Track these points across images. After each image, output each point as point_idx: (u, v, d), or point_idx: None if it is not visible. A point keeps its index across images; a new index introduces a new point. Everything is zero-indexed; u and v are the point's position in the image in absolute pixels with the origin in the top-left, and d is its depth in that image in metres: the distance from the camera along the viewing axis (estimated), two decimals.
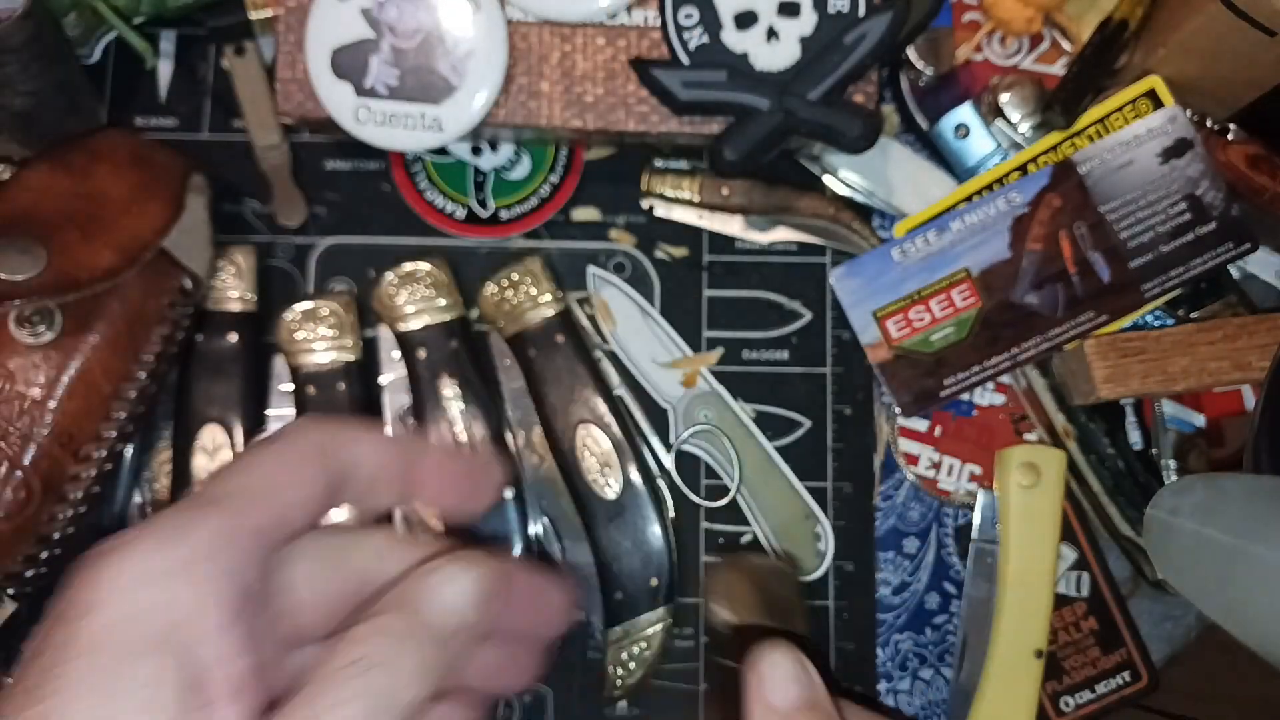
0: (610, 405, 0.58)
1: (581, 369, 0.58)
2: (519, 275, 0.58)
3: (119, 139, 0.56)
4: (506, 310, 0.58)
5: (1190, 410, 0.59)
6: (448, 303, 0.58)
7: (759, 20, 0.54)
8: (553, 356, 0.58)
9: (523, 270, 0.58)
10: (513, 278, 0.58)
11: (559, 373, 0.57)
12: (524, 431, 0.59)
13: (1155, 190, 0.57)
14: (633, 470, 0.57)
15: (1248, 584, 0.40)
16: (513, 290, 0.58)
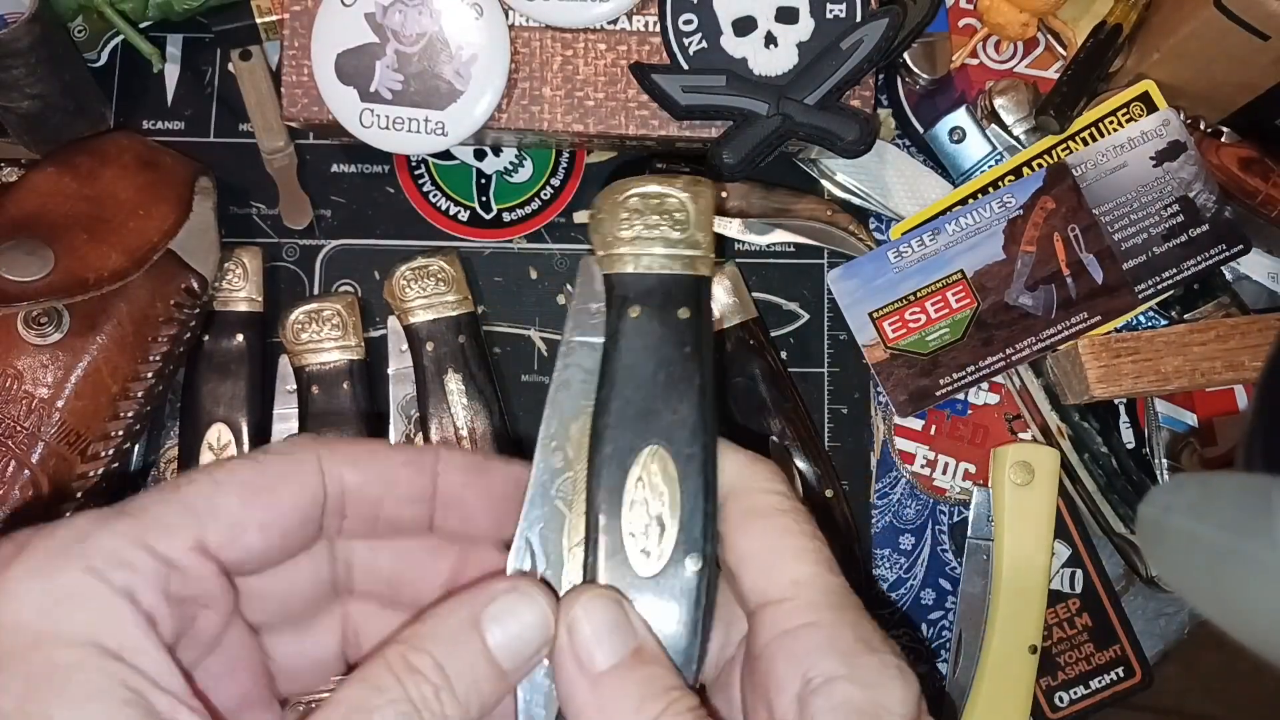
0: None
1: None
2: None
3: (126, 142, 0.57)
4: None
5: (1183, 410, 0.59)
6: (457, 299, 0.58)
7: (757, 26, 0.54)
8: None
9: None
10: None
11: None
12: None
13: (1148, 193, 0.57)
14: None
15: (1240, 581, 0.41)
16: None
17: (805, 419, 0.58)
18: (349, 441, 0.35)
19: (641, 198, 0.37)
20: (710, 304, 0.38)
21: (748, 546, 0.34)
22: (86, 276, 0.52)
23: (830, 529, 0.57)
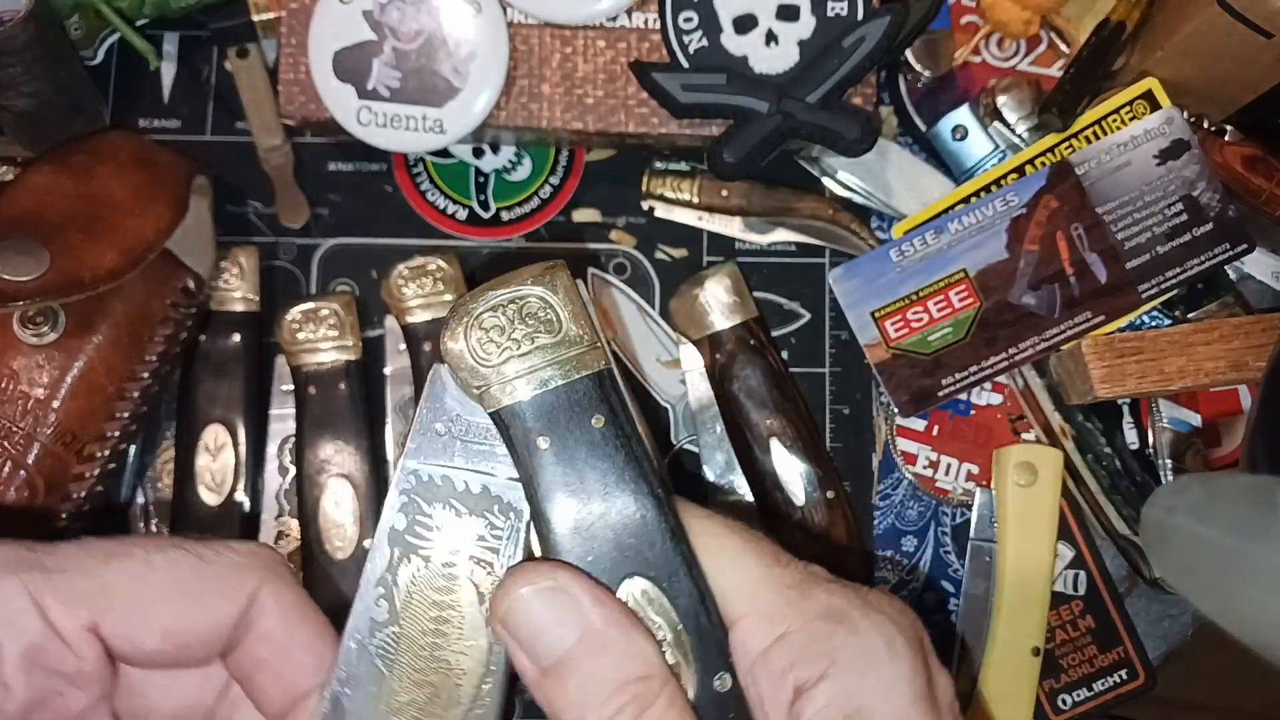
0: None
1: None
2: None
3: (122, 140, 0.57)
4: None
5: (1187, 410, 0.59)
6: (455, 298, 0.58)
7: (758, 24, 0.54)
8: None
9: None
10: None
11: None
12: None
13: (1152, 191, 0.57)
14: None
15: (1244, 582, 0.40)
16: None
17: (806, 419, 0.58)
18: (295, 589, 0.33)
19: (497, 310, 0.33)
20: (621, 391, 0.34)
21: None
22: (82, 276, 0.52)
23: (832, 530, 0.57)
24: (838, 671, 0.29)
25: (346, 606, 0.39)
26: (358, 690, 0.32)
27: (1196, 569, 0.44)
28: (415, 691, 0.33)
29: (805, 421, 0.58)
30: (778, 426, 0.57)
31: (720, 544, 0.32)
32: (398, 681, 0.32)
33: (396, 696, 0.32)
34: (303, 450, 0.57)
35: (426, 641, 0.33)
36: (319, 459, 0.57)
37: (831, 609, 0.30)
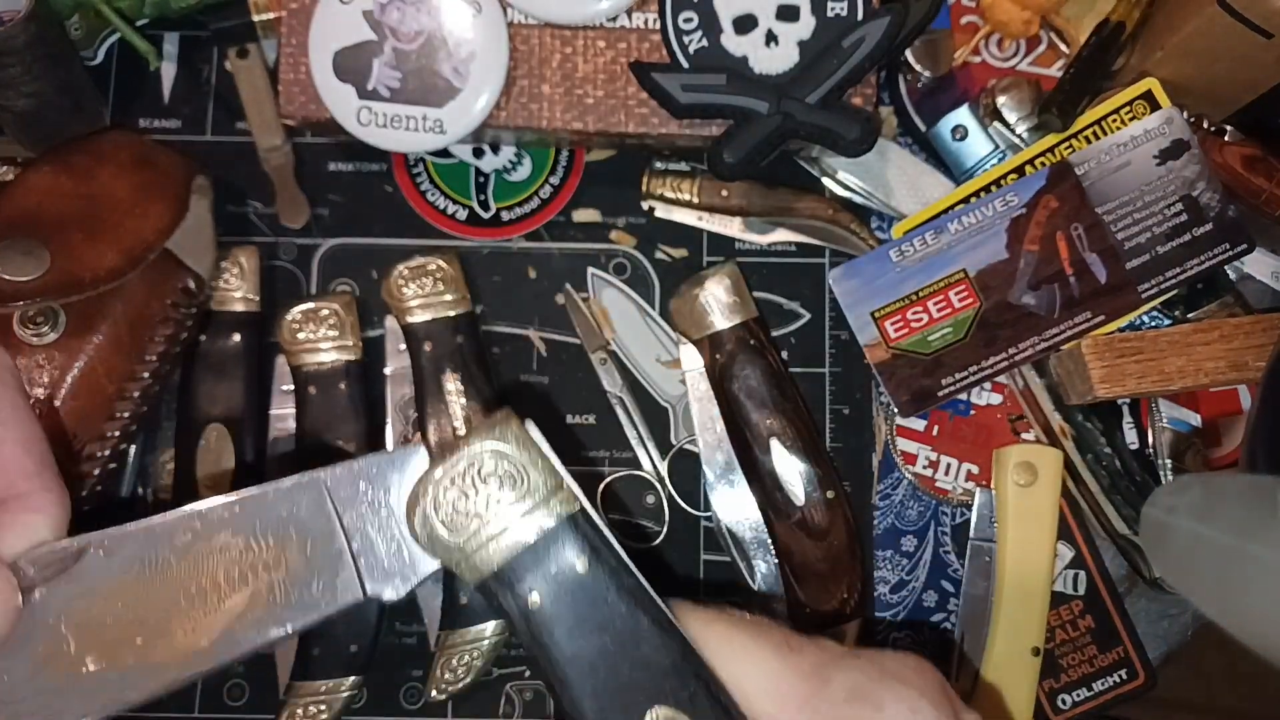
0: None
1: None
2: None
3: (122, 140, 0.57)
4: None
5: (1187, 410, 0.59)
6: (455, 298, 0.58)
7: (758, 24, 0.54)
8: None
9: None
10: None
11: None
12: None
13: (1152, 191, 0.57)
14: None
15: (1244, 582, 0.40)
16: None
17: (806, 419, 0.58)
18: (12, 394, 0.34)
19: (455, 481, 0.33)
20: (597, 525, 0.34)
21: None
22: (83, 276, 0.52)
23: (831, 530, 0.57)
24: None
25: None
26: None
27: (1196, 569, 0.44)
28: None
29: (805, 421, 0.58)
30: (778, 426, 0.57)
31: (732, 645, 0.33)
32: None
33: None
34: (302, 450, 0.57)
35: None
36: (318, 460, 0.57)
37: (853, 690, 0.31)
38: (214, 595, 0.33)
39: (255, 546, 0.34)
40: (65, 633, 0.32)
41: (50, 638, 0.32)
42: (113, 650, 0.33)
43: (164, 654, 0.33)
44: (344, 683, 0.56)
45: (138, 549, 0.33)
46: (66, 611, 0.32)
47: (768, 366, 0.57)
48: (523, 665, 0.58)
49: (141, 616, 0.33)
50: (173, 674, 0.33)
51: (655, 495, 0.59)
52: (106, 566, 0.33)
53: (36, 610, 0.32)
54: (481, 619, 0.56)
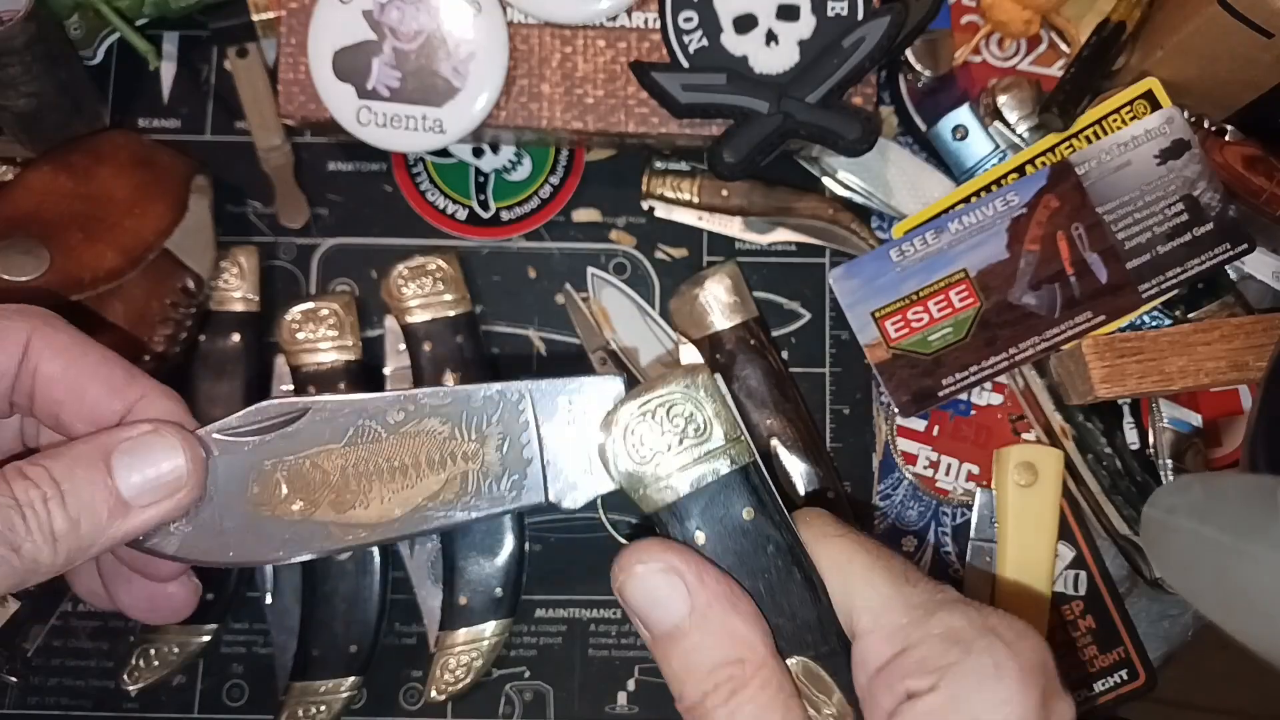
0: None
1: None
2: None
3: (122, 140, 0.57)
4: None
5: (1187, 410, 0.59)
6: (454, 298, 0.58)
7: (758, 24, 0.54)
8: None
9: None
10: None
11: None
12: None
13: (1152, 191, 0.57)
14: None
15: (1245, 583, 0.40)
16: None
17: (807, 419, 0.58)
18: (67, 331, 0.35)
19: (646, 415, 0.35)
20: (767, 480, 0.36)
21: (826, 585, 0.34)
22: (82, 276, 0.52)
23: None
24: (945, 684, 0.30)
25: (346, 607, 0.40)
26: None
27: (1197, 569, 0.44)
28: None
29: (805, 421, 0.58)
30: (778, 426, 0.57)
31: (853, 563, 0.34)
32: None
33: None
34: None
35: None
36: None
37: (951, 630, 0.32)
38: (414, 472, 0.37)
39: (459, 436, 0.37)
40: (279, 479, 0.35)
41: (266, 481, 0.35)
42: (317, 502, 0.36)
43: (360, 514, 0.36)
44: (344, 683, 0.56)
45: (353, 417, 0.36)
46: (282, 461, 0.36)
47: (768, 366, 0.57)
48: (523, 666, 0.58)
49: (347, 477, 0.36)
50: (364, 534, 0.36)
51: None
52: (322, 429, 0.36)
53: (259, 452, 0.35)
54: (481, 619, 0.56)
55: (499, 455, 0.37)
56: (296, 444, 0.36)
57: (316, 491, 0.36)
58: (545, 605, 0.59)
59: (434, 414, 0.37)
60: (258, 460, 0.36)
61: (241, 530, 0.36)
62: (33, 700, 0.58)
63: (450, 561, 0.56)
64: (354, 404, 0.37)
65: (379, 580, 0.57)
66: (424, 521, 0.36)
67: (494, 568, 0.56)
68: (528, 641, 0.59)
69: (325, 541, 0.36)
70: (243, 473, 0.36)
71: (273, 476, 0.36)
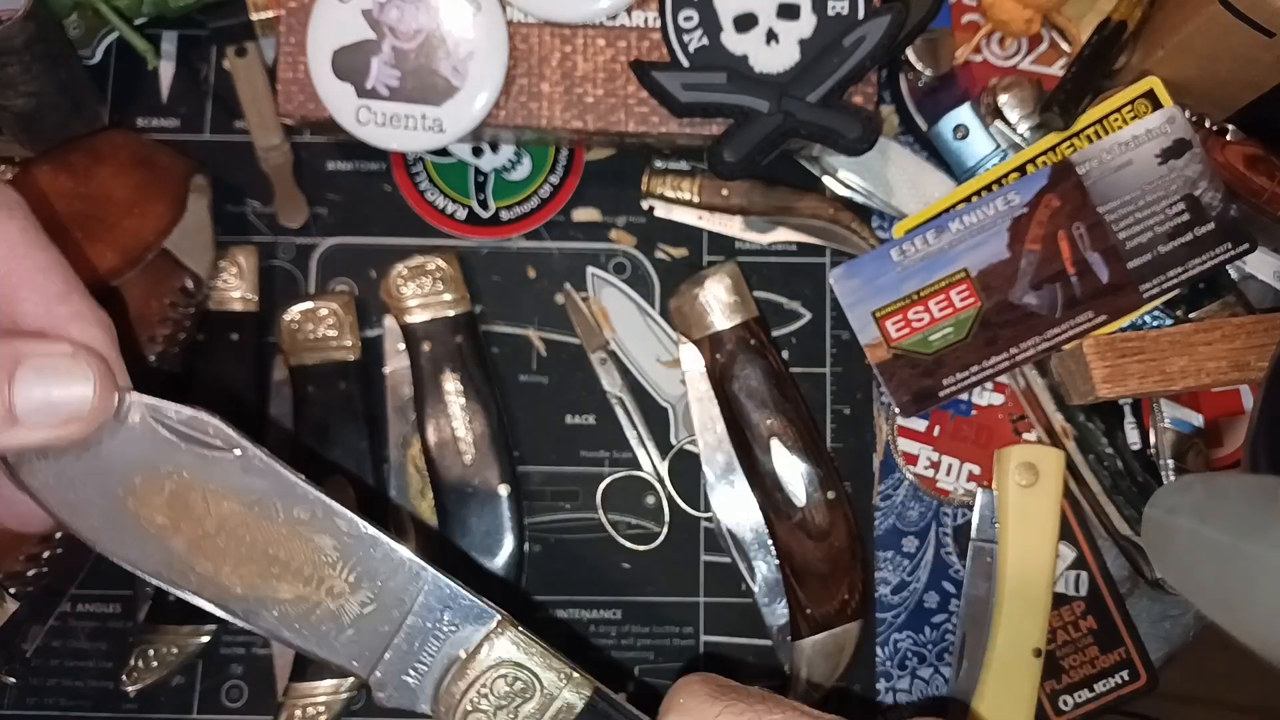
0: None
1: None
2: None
3: (121, 140, 0.57)
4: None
5: (1188, 410, 0.59)
6: (454, 297, 0.58)
7: (758, 23, 0.54)
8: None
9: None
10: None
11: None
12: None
13: (1154, 191, 0.57)
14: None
15: (1246, 583, 0.40)
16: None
17: (807, 419, 0.58)
18: (20, 218, 0.34)
19: (478, 705, 0.35)
20: (615, 700, 0.35)
21: None
22: (81, 275, 0.52)
23: (832, 531, 0.56)
24: None
25: None
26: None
27: (1198, 569, 0.44)
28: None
29: (806, 421, 0.58)
30: (778, 426, 0.57)
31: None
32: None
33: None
34: (302, 450, 0.57)
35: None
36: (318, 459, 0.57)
37: None
38: (278, 570, 0.35)
39: (339, 570, 0.36)
40: (166, 486, 0.34)
41: (152, 479, 0.34)
42: (180, 529, 0.35)
43: (204, 566, 0.35)
44: (343, 684, 0.55)
45: (269, 487, 0.36)
46: (180, 475, 0.35)
47: (768, 366, 0.57)
48: None
49: (221, 529, 0.35)
50: (194, 584, 0.35)
51: (655, 496, 0.59)
52: (236, 475, 0.35)
53: (165, 451, 0.34)
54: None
55: (358, 610, 0.36)
56: (204, 471, 0.35)
57: (186, 521, 0.34)
58: (545, 605, 0.59)
59: (335, 535, 0.35)
60: (159, 457, 0.34)
61: (100, 505, 0.34)
62: (31, 701, 0.57)
63: (450, 562, 0.56)
64: (279, 478, 0.36)
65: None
66: (249, 616, 0.35)
67: (494, 568, 0.56)
68: None
69: (160, 566, 0.35)
70: (139, 457, 0.34)
71: (162, 480, 0.34)
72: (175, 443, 0.35)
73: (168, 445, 0.35)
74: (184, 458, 0.35)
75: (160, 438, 0.34)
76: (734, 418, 0.57)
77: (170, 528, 0.35)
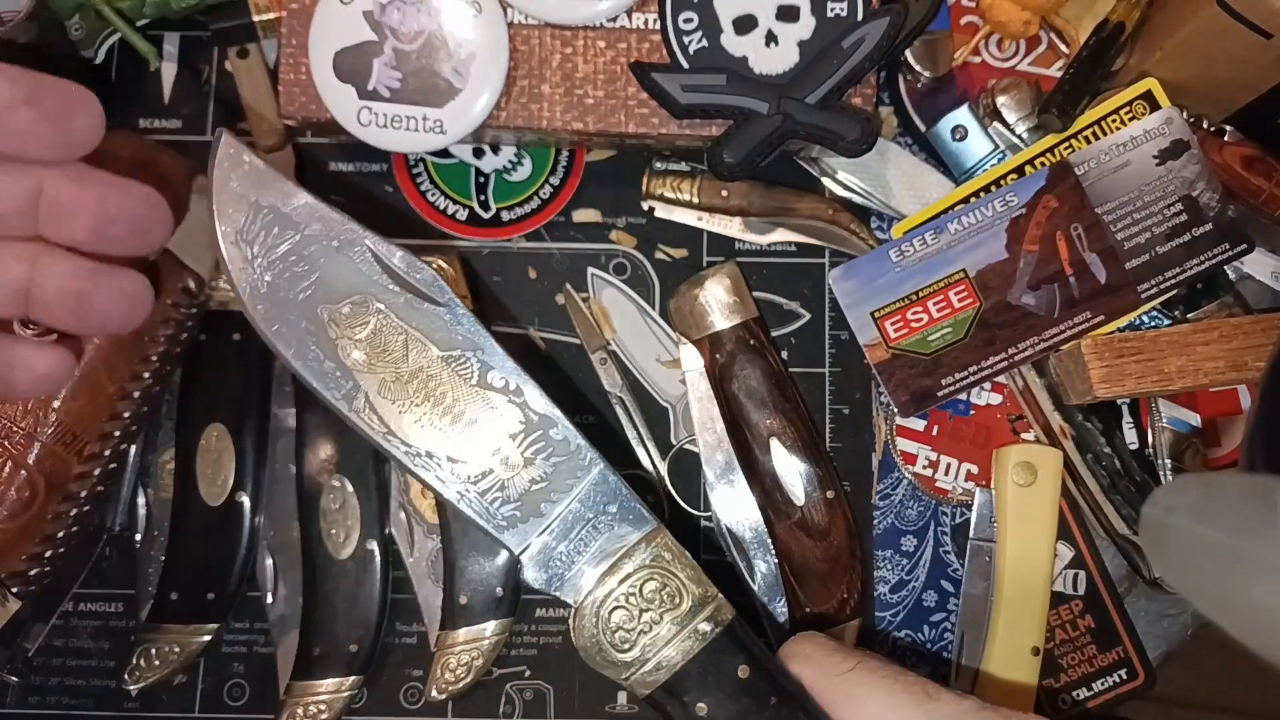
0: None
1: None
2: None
3: (123, 140, 0.57)
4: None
5: (1186, 410, 0.59)
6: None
7: (758, 24, 0.54)
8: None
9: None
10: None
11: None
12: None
13: (1151, 191, 0.57)
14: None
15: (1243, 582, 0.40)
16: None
17: (806, 419, 0.58)
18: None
19: (620, 601, 0.35)
20: (751, 633, 0.35)
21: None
22: None
23: (831, 530, 0.57)
24: None
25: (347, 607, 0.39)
26: None
27: (1195, 569, 0.44)
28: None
29: (805, 421, 0.58)
30: (778, 426, 0.57)
31: (870, 695, 0.34)
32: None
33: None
34: (303, 450, 0.57)
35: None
36: (319, 459, 0.57)
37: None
38: (459, 428, 0.37)
39: (517, 443, 0.37)
40: (374, 323, 0.36)
41: (362, 313, 0.36)
42: (373, 368, 0.37)
43: (386, 408, 0.37)
44: (344, 683, 0.56)
45: (470, 346, 0.37)
46: (389, 316, 0.36)
47: (768, 366, 0.57)
48: (523, 665, 0.58)
49: (417, 378, 0.36)
50: (373, 424, 0.37)
51: (655, 495, 0.59)
52: (440, 327, 0.37)
53: (376, 289, 0.36)
54: (482, 618, 0.56)
55: (526, 486, 0.36)
56: (411, 316, 0.36)
57: (381, 361, 0.35)
58: (545, 605, 0.59)
59: (522, 409, 0.37)
60: (373, 292, 0.36)
61: (305, 330, 0.36)
62: (33, 700, 0.58)
63: (450, 561, 0.56)
64: (482, 340, 0.37)
65: (379, 580, 0.57)
66: (419, 466, 0.36)
67: (494, 567, 0.56)
68: (528, 641, 0.59)
69: (346, 399, 0.36)
70: (353, 288, 0.35)
71: (368, 316, 0.35)
72: (390, 284, 0.35)
73: (383, 283, 0.35)
74: (395, 299, 0.36)
75: (377, 274, 0.35)
76: (733, 417, 0.58)
77: (365, 365, 0.36)
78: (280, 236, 0.38)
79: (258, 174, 0.38)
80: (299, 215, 0.38)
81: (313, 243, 0.38)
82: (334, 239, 0.37)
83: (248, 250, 0.36)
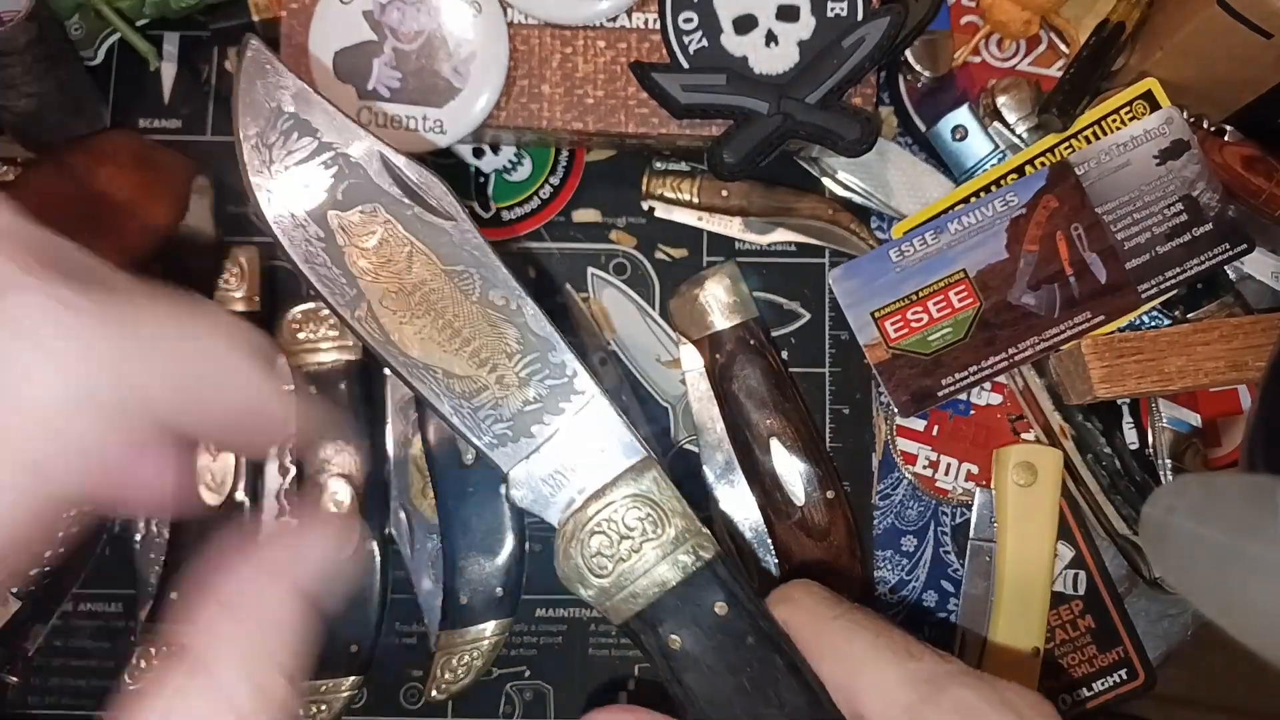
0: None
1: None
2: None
3: (122, 141, 0.57)
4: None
5: (1186, 410, 0.59)
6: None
7: (758, 24, 0.54)
8: None
9: None
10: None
11: None
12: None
13: (1152, 191, 0.57)
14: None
15: (1244, 582, 0.40)
16: None
17: (806, 419, 0.58)
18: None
19: (601, 525, 0.36)
20: (733, 570, 0.35)
21: (828, 670, 0.34)
22: None
23: (832, 530, 0.57)
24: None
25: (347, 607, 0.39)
26: None
27: (1196, 569, 0.44)
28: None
29: (805, 421, 0.58)
30: (778, 426, 0.57)
31: (853, 643, 0.34)
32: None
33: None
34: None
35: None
36: (319, 459, 0.57)
37: (963, 705, 0.32)
38: (457, 344, 0.37)
39: (513, 362, 0.38)
40: (376, 230, 0.37)
41: (368, 224, 0.37)
42: (378, 278, 0.38)
43: (388, 318, 0.38)
44: (344, 682, 0.56)
45: (473, 263, 0.38)
46: (392, 224, 0.37)
47: (768, 366, 0.57)
48: (523, 665, 0.58)
49: (419, 289, 0.37)
50: (372, 331, 0.38)
51: None
52: (446, 239, 0.38)
53: (385, 196, 0.37)
54: (482, 618, 0.56)
55: (519, 406, 0.37)
56: (418, 229, 0.37)
57: (386, 271, 0.37)
58: (545, 605, 0.59)
59: (521, 329, 0.37)
60: (382, 201, 0.37)
61: (316, 231, 0.37)
62: (33, 700, 0.58)
63: (450, 561, 0.56)
64: (486, 257, 0.38)
65: (379, 580, 0.57)
66: (415, 376, 0.37)
67: (494, 567, 0.56)
68: (528, 641, 0.59)
69: (350, 306, 0.37)
70: (363, 195, 0.37)
71: (376, 225, 0.37)
72: (401, 195, 0.37)
73: (392, 194, 0.36)
74: (403, 210, 0.37)
75: (388, 184, 0.36)
76: (733, 417, 0.58)
77: (370, 274, 0.37)
78: (298, 142, 0.39)
79: (281, 80, 0.39)
80: (318, 122, 0.39)
81: (328, 150, 0.39)
82: (349, 146, 0.39)
83: (267, 154, 0.36)
